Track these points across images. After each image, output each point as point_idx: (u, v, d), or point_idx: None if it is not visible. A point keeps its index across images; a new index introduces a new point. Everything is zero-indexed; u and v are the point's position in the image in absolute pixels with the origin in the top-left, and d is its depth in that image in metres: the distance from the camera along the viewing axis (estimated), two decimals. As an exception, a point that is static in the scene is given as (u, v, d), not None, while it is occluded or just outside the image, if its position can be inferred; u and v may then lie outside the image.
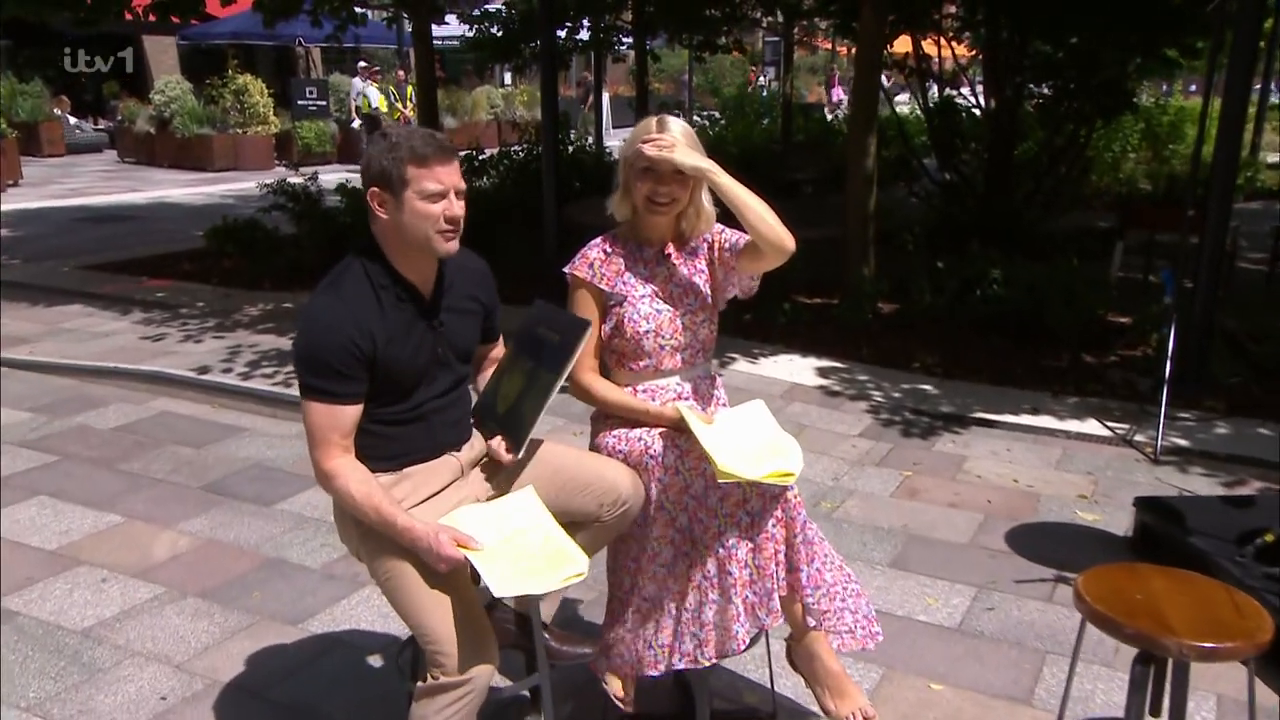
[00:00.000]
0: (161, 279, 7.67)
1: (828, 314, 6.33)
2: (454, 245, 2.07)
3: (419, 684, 2.03)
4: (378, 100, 17.04)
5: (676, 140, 2.28)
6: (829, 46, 29.20)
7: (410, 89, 16.86)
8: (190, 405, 5.08)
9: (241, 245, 7.93)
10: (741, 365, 5.44)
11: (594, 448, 2.42)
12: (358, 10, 8.85)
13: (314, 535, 3.63)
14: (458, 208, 2.05)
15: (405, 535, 1.99)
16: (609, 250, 2.43)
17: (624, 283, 2.40)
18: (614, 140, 16.17)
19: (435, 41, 8.98)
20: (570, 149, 11.18)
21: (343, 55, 21.53)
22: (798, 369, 5.43)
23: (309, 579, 3.32)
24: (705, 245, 2.46)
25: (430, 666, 2.01)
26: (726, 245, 2.42)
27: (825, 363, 5.54)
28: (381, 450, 2.12)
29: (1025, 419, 4.72)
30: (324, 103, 16.76)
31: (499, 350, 2.42)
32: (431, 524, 2.00)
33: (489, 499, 2.20)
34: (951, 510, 3.85)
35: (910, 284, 6.35)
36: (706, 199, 2.39)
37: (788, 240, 2.28)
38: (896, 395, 5.07)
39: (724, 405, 2.53)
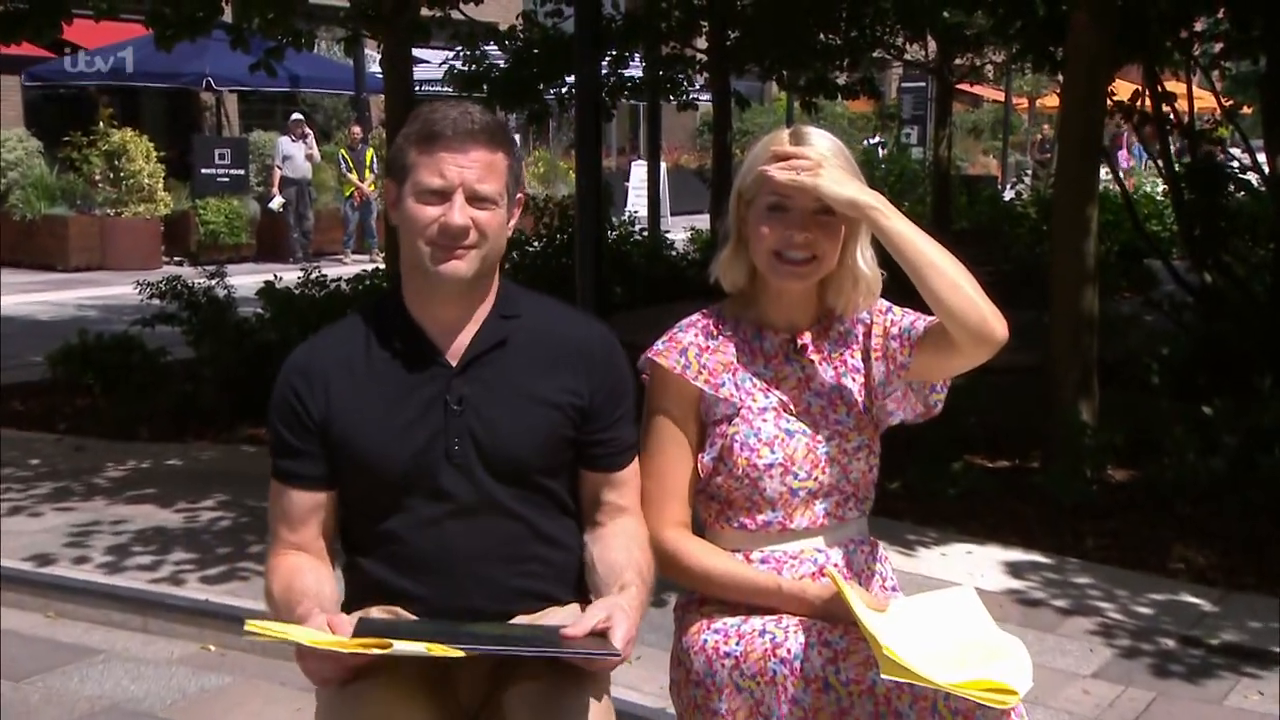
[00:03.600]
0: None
1: (1023, 482, 6.30)
2: (458, 266, 2.14)
3: None
4: (304, 166, 17.59)
5: (823, 158, 2.25)
6: (999, 97, 30.18)
7: (370, 152, 17.51)
8: (14, 614, 5.03)
9: (106, 374, 8.04)
10: (893, 558, 5.31)
11: (682, 651, 2.33)
12: (303, 28, 9.09)
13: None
14: (459, 216, 2.11)
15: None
16: (713, 333, 2.40)
17: (735, 385, 2.36)
18: (676, 233, 16.45)
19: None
20: (613, 235, 11.44)
21: (270, 104, 22.56)
22: (979, 565, 5.39)
23: None
24: (861, 330, 2.43)
25: None
26: (895, 330, 2.39)
27: (1021, 555, 5.52)
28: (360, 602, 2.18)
29: (1379, 658, 4.59)
30: (240, 171, 17.47)
31: (628, 492, 2.32)
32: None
33: None
34: (1266, 805, 3.67)
35: (1159, 438, 6.28)
36: (866, 258, 2.35)
37: (996, 324, 2.24)
38: (1145, 612, 4.99)
39: (892, 588, 2.42)
